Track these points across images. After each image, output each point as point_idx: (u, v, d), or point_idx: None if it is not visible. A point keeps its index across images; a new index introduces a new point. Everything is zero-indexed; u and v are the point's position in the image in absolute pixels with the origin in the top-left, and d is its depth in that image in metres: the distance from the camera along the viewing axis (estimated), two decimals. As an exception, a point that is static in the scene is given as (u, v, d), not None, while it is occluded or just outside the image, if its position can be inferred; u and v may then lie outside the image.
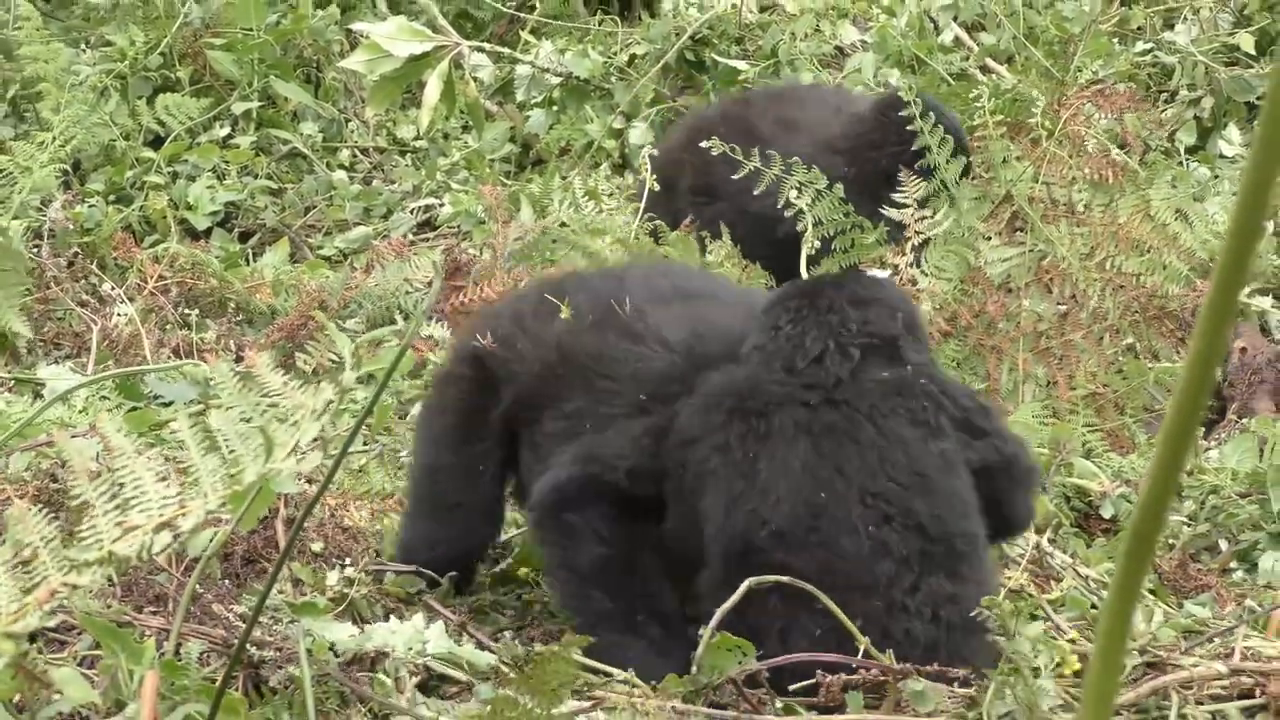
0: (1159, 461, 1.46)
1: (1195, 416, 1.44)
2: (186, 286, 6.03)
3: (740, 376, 3.81)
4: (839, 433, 3.71)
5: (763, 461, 3.69)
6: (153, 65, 7.32)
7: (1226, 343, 1.40)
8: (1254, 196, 1.37)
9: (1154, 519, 1.47)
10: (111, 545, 2.52)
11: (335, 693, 3.55)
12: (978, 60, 7.26)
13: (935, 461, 3.72)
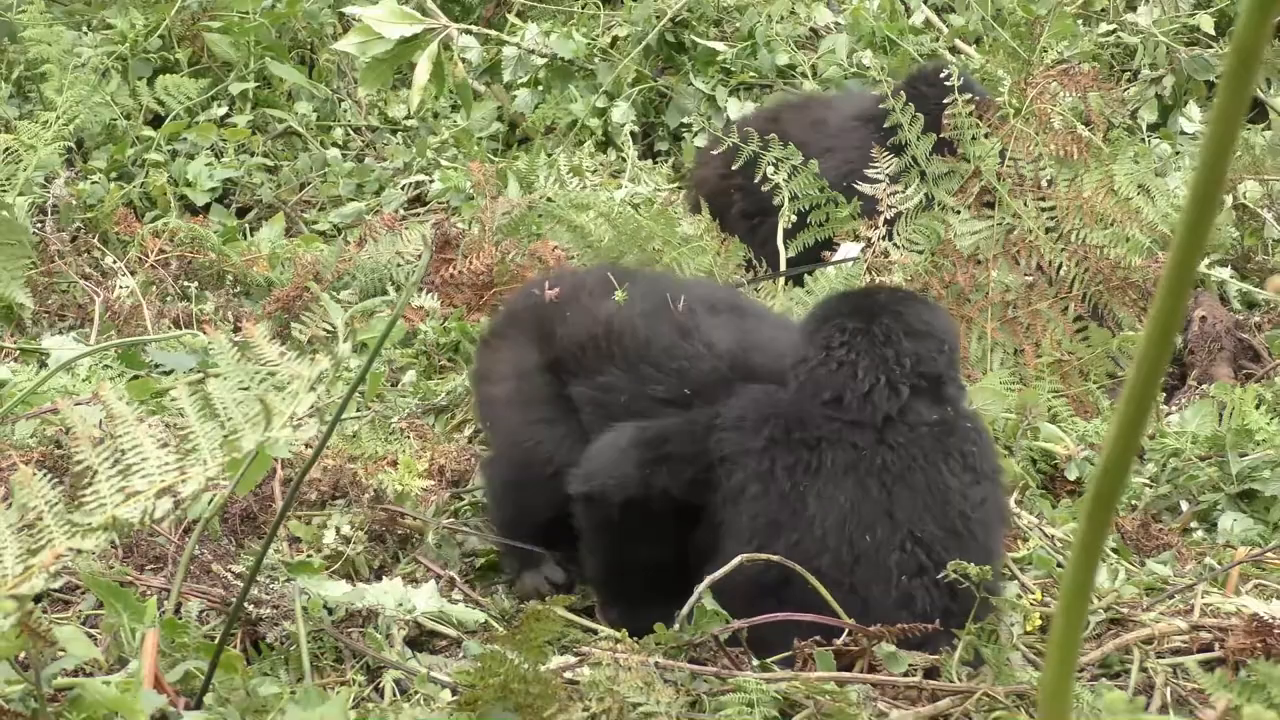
0: (1120, 424, 1.46)
1: (1155, 381, 1.44)
2: (186, 260, 6.02)
3: (785, 401, 3.77)
4: (889, 475, 3.68)
5: (811, 497, 3.65)
6: (152, 47, 7.31)
7: (1184, 311, 1.40)
8: (1210, 171, 1.37)
9: (1115, 480, 1.48)
10: (114, 510, 2.52)
11: (330, 648, 3.55)
12: (947, 41, 7.27)
13: (977, 513, 3.69)
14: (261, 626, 3.56)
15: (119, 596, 3.21)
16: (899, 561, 3.62)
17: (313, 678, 3.41)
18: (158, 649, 3.12)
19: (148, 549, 3.89)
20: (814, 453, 3.67)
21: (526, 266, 5.74)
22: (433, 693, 3.39)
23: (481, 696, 3.24)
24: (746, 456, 3.69)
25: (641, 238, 6.10)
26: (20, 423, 4.45)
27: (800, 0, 7.16)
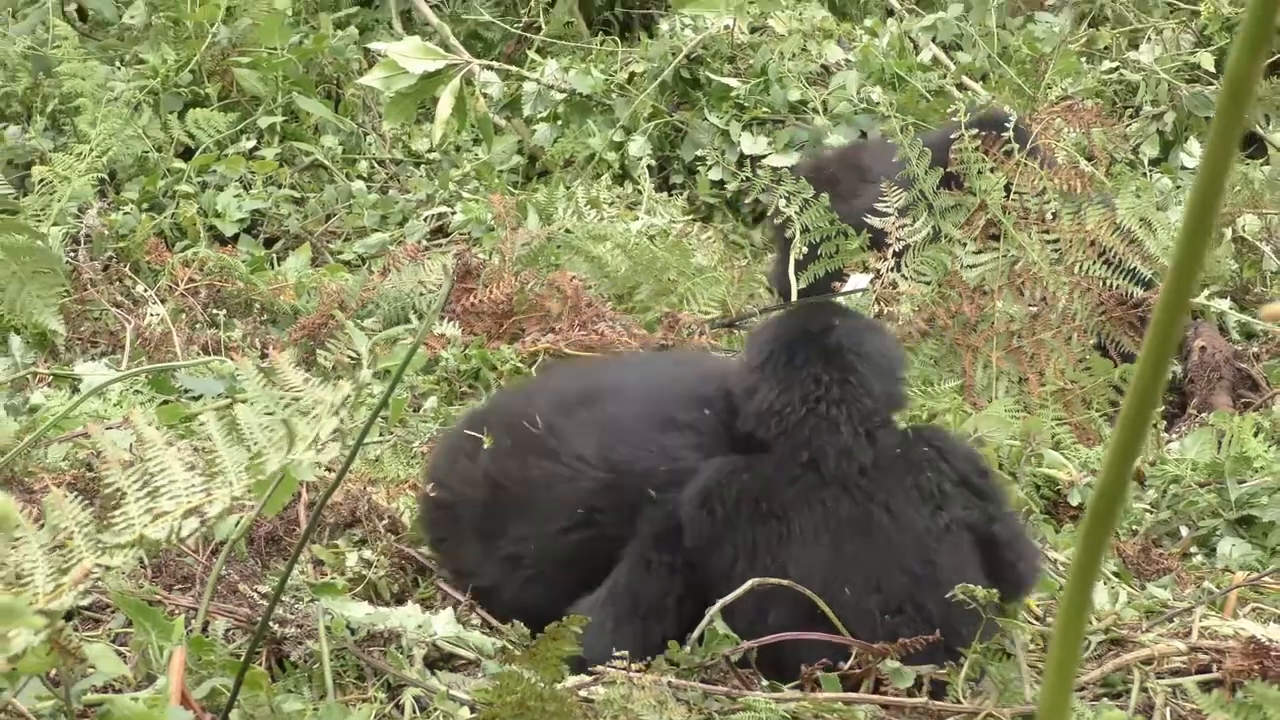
0: (1115, 448, 1.46)
1: (1150, 407, 1.44)
2: (215, 288, 6.03)
3: (751, 471, 3.69)
4: (856, 527, 3.64)
5: (790, 565, 3.62)
6: (183, 82, 7.32)
7: (1179, 339, 1.41)
8: (1203, 202, 1.38)
9: (1111, 502, 1.48)
10: (142, 530, 2.52)
11: (352, 666, 3.56)
12: (955, 78, 7.26)
13: (944, 543, 3.67)
14: (286, 645, 3.57)
15: (147, 615, 3.22)
16: (878, 602, 3.61)
17: (335, 695, 3.42)
18: (185, 666, 3.12)
19: (176, 569, 3.89)
20: (784, 523, 3.65)
21: (545, 295, 5.74)
22: (451, 710, 3.40)
23: (499, 714, 3.25)
24: (729, 535, 3.66)
25: (657, 268, 6.11)
26: (53, 446, 4.46)
27: (812, 38, 7.16)
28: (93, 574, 2.52)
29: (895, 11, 7.89)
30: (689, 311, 5.95)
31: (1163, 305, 1.42)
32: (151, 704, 2.93)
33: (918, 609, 3.59)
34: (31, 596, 2.54)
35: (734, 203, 6.93)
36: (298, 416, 2.53)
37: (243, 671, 3.15)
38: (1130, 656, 3.83)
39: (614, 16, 8.40)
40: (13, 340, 5.47)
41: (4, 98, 7.33)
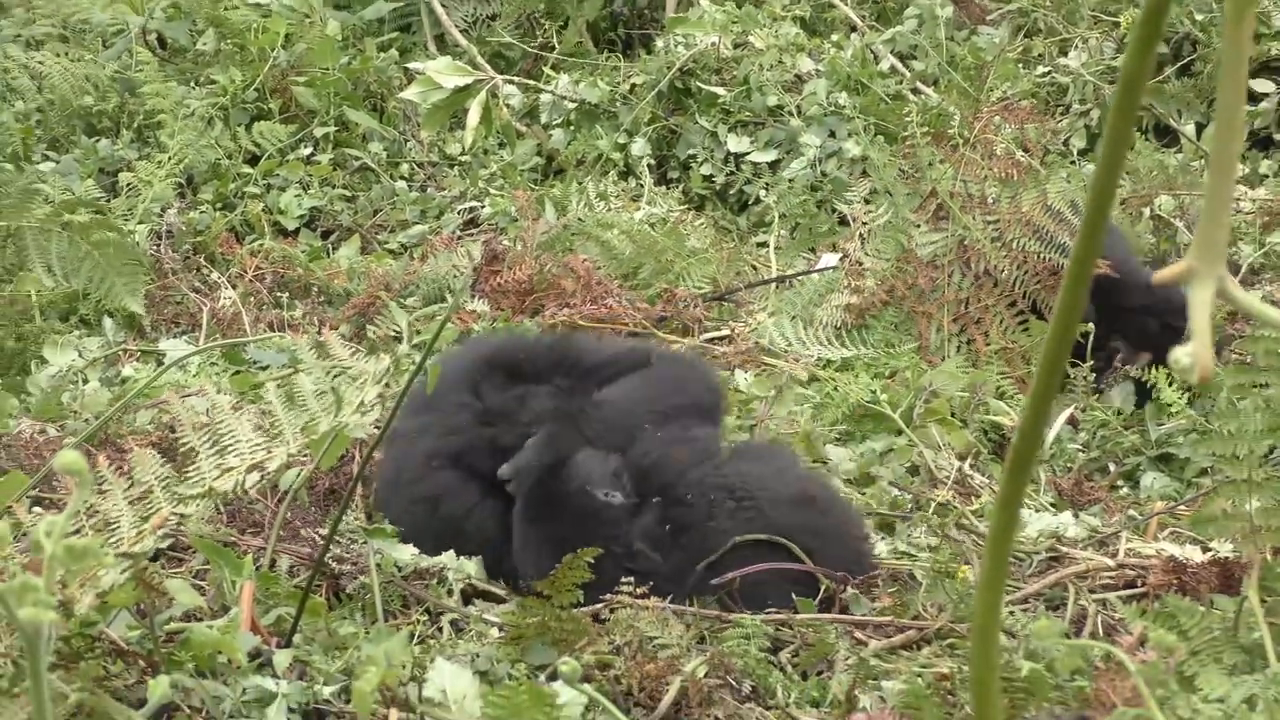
0: (1033, 395, 1.46)
1: (1061, 359, 1.44)
2: (279, 274, 6.04)
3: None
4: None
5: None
6: (249, 99, 7.32)
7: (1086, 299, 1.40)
8: (1103, 181, 1.38)
9: (1030, 441, 1.48)
10: (212, 483, 2.53)
11: (398, 597, 3.56)
12: (910, 84, 7.24)
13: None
14: (343, 580, 3.57)
15: (221, 554, 3.22)
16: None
17: (384, 620, 3.42)
18: (254, 598, 3.13)
19: (249, 515, 3.90)
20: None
21: (561, 276, 5.75)
22: (484, 630, 3.40)
23: (525, 633, 3.26)
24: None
25: (656, 251, 6.11)
26: (141, 412, 4.46)
27: (787, 51, 7.14)
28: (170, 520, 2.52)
29: (858, 27, 7.87)
30: (684, 287, 5.95)
31: (1070, 273, 1.42)
32: (225, 630, 2.94)
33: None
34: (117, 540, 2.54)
35: (722, 194, 6.92)
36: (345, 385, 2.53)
37: (303, 601, 3.15)
38: (1066, 571, 3.83)
39: (617, 36, 8.39)
40: (106, 322, 5.47)
41: (96, 115, 7.32)
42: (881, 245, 5.75)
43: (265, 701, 2.88)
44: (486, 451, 3.76)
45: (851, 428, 4.92)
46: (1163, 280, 1.36)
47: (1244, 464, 2.86)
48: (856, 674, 3.10)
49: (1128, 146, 1.37)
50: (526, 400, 3.84)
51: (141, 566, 2.62)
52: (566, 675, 2.41)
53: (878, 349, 5.43)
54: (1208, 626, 2.79)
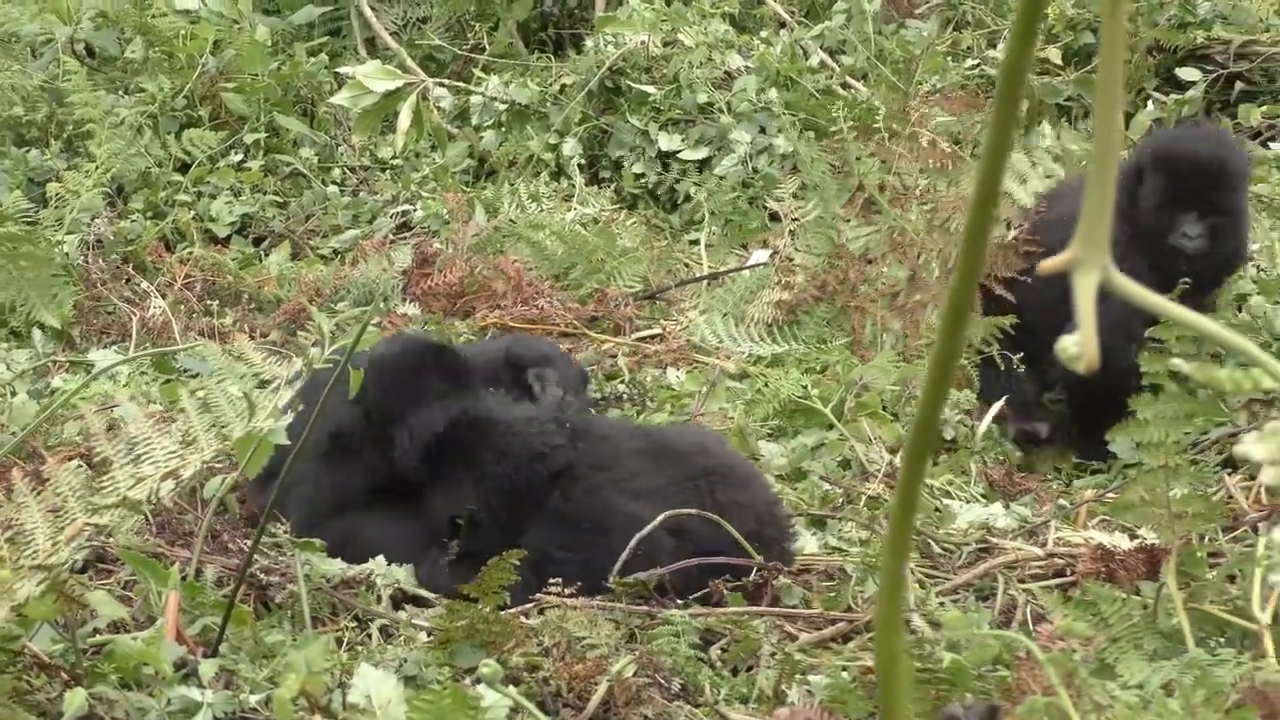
0: (928, 388, 1.46)
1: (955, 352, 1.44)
2: (209, 282, 6.03)
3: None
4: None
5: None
6: (179, 106, 7.28)
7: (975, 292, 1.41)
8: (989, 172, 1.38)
9: (925, 433, 1.48)
10: (127, 492, 2.51)
11: (327, 605, 3.55)
12: (839, 79, 7.24)
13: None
14: (271, 590, 3.56)
15: (146, 565, 3.21)
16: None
17: (312, 628, 3.41)
18: (179, 608, 3.11)
19: (178, 526, 3.88)
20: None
21: (492, 278, 5.75)
22: (412, 635, 3.39)
23: (453, 637, 3.25)
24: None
25: (588, 250, 6.11)
26: (69, 424, 4.44)
27: (716, 48, 7.13)
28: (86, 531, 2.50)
29: (787, 23, 7.87)
30: (616, 287, 5.95)
31: (962, 263, 1.42)
32: (149, 641, 2.92)
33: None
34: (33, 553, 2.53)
35: (654, 192, 6.92)
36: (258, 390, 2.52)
37: (229, 610, 3.14)
38: (996, 561, 3.84)
39: (547, 37, 8.37)
40: (35, 334, 5.44)
41: (25, 125, 7.27)
42: (812, 240, 5.76)
43: (190, 711, 2.87)
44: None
45: (783, 423, 4.93)
46: (1048, 270, 1.36)
47: (1161, 450, 2.88)
48: (783, 669, 3.10)
49: (1012, 136, 1.37)
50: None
51: (60, 578, 2.60)
52: (488, 678, 2.41)
53: (810, 344, 5.44)
54: (1128, 613, 2.81)
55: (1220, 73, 7.54)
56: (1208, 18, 7.69)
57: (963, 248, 1.41)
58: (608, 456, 3.76)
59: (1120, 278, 1.36)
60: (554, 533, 3.63)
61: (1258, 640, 2.82)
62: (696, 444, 3.96)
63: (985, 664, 2.65)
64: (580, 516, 3.65)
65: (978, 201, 1.39)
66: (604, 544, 3.59)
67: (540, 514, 3.66)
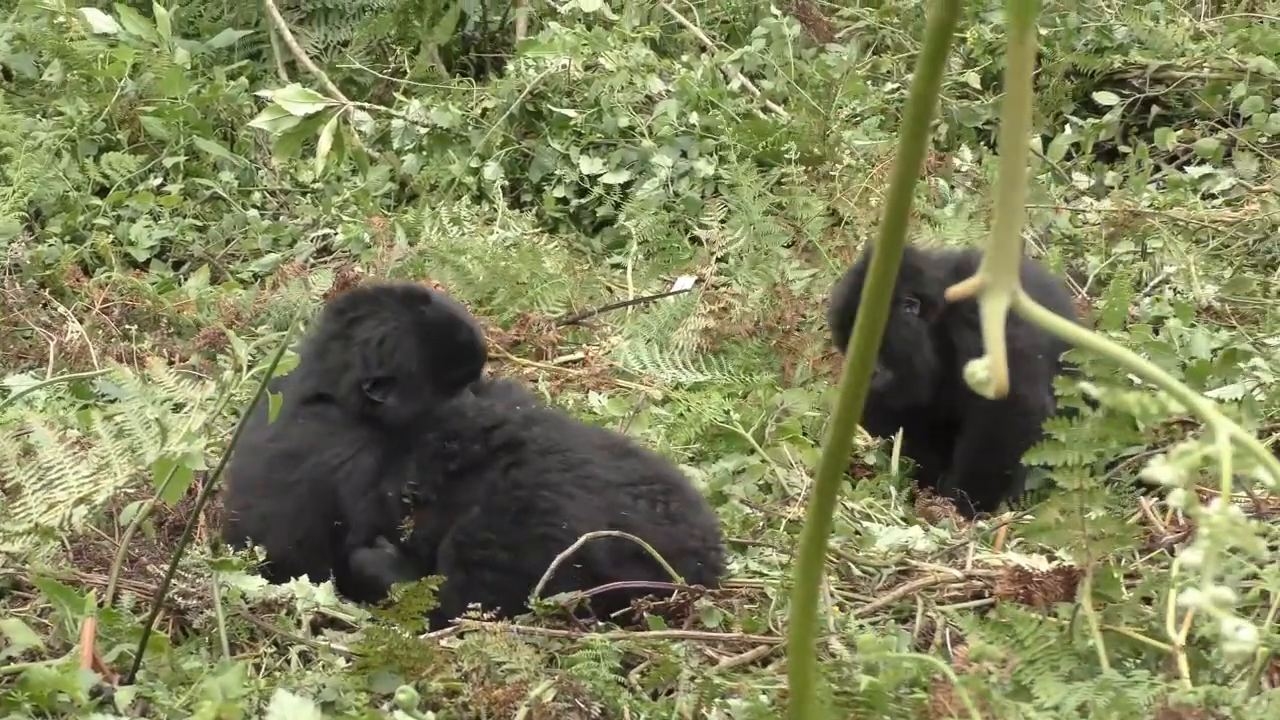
0: (836, 418, 1.47)
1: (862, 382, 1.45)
2: (128, 307, 6.00)
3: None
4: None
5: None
6: (97, 130, 7.25)
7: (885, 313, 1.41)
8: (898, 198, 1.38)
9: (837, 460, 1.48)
10: (39, 518, 2.49)
11: (245, 630, 3.53)
12: (760, 103, 7.27)
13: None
14: (189, 615, 3.53)
15: (61, 592, 3.18)
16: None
17: (230, 654, 3.39)
18: (95, 635, 3.09)
19: (95, 553, 3.85)
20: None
21: (413, 303, 5.73)
22: (331, 661, 3.38)
23: (372, 662, 3.24)
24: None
25: (511, 275, 6.11)
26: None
27: (637, 72, 7.15)
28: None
29: (707, 48, 7.90)
30: (539, 311, 5.95)
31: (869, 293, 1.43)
32: (65, 669, 2.90)
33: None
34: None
35: (576, 216, 6.93)
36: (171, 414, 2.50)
37: (145, 637, 3.12)
38: (915, 584, 3.85)
39: (469, 60, 8.36)
40: (-52, 360, 5.41)
41: (-61, 150, 7.23)
42: (753, 277, 5.79)
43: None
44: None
45: (705, 447, 4.94)
46: (957, 295, 1.37)
47: (1075, 474, 2.90)
48: (702, 693, 3.10)
49: (920, 163, 1.38)
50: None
51: (-31, 606, 2.58)
52: (404, 704, 2.40)
53: (735, 375, 5.45)
54: (1044, 635, 2.82)
55: (1137, 97, 7.61)
56: (1124, 42, 7.76)
57: (873, 266, 1.42)
58: (561, 442, 3.78)
59: (1028, 303, 1.37)
60: (486, 514, 3.64)
61: (1172, 661, 2.84)
62: (659, 456, 4.03)
63: (902, 686, 2.66)
64: (513, 500, 3.65)
65: (887, 222, 1.40)
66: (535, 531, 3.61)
67: (481, 491, 3.68)
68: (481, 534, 3.63)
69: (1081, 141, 7.38)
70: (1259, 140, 7.25)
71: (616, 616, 3.59)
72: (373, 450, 3.82)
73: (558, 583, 3.56)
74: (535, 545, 3.61)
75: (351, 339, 3.90)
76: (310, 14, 8.51)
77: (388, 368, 3.87)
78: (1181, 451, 1.38)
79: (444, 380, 3.95)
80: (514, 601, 3.52)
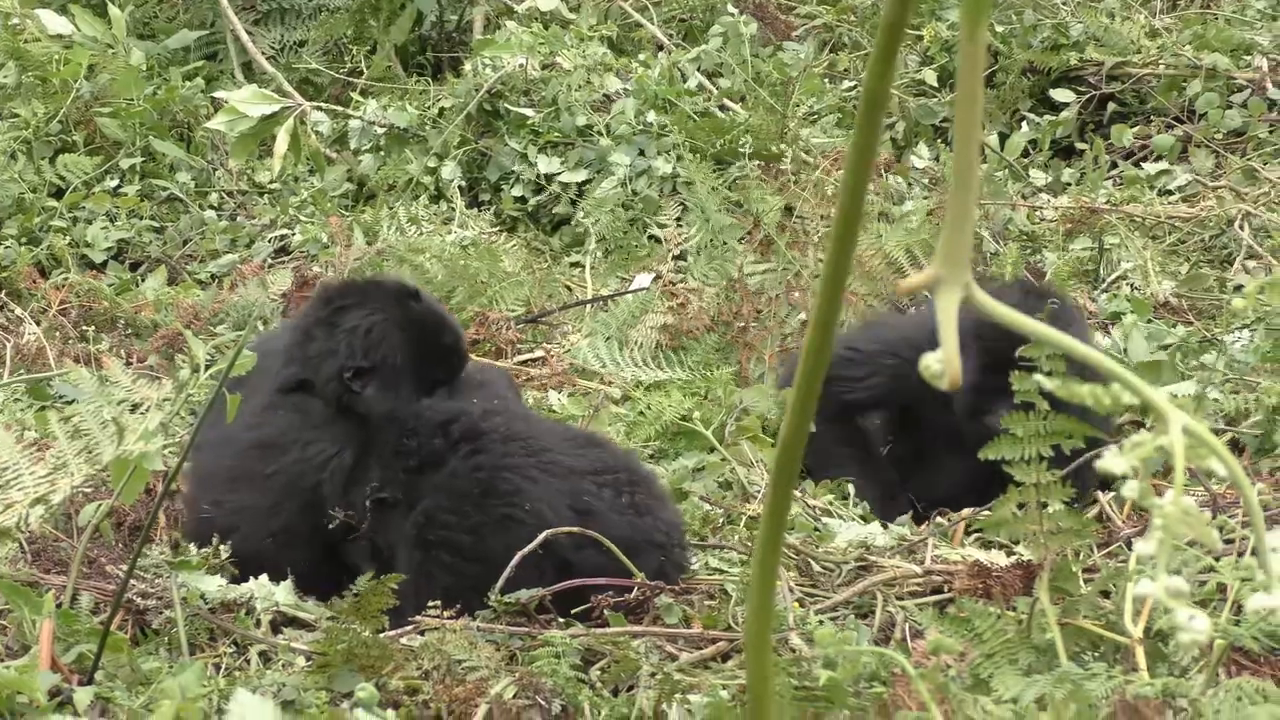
0: (791, 412, 1.48)
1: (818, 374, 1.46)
2: (85, 308, 5.98)
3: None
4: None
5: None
6: (53, 131, 7.22)
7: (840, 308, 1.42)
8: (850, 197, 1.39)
9: (791, 454, 1.49)
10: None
11: (205, 630, 3.53)
12: (717, 101, 7.28)
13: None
14: (148, 615, 3.53)
15: (19, 594, 3.18)
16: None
17: (190, 654, 3.39)
18: (54, 636, 3.09)
19: (53, 554, 3.85)
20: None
21: (371, 302, 5.73)
22: (291, 660, 3.38)
23: (332, 661, 3.24)
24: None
25: (469, 273, 6.11)
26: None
27: (594, 71, 7.16)
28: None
29: (664, 46, 7.91)
30: (498, 310, 5.95)
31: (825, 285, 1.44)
32: (23, 670, 2.90)
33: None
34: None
35: (534, 215, 6.93)
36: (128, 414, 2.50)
37: (104, 637, 3.12)
38: (875, 579, 3.86)
39: (425, 60, 8.37)
40: (-95, 362, 5.39)
41: (-105, 152, 7.20)
42: (709, 272, 5.80)
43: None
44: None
45: (665, 445, 4.95)
46: (908, 288, 1.38)
47: (1031, 468, 2.91)
48: (662, 689, 3.11)
49: (873, 158, 1.39)
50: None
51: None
52: (364, 702, 2.41)
53: (695, 371, 5.46)
54: (1002, 629, 2.84)
55: (1093, 94, 7.65)
56: (1080, 40, 7.80)
57: (827, 261, 1.43)
58: (523, 431, 3.78)
59: (982, 296, 1.38)
60: (448, 496, 3.65)
61: (1129, 654, 2.85)
62: (625, 450, 4.04)
63: (861, 681, 2.67)
64: (474, 483, 3.66)
65: (841, 219, 1.41)
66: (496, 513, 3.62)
67: (443, 478, 3.70)
68: (442, 515, 3.63)
69: (1038, 138, 7.41)
70: (1214, 136, 7.29)
71: (577, 612, 3.60)
72: (353, 448, 3.83)
73: (519, 569, 3.57)
74: (497, 527, 3.61)
75: (337, 326, 3.91)
76: (266, 14, 8.50)
77: (371, 358, 3.87)
78: (1135, 443, 1.40)
79: (424, 378, 3.95)
80: (472, 584, 3.53)
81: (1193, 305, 5.87)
